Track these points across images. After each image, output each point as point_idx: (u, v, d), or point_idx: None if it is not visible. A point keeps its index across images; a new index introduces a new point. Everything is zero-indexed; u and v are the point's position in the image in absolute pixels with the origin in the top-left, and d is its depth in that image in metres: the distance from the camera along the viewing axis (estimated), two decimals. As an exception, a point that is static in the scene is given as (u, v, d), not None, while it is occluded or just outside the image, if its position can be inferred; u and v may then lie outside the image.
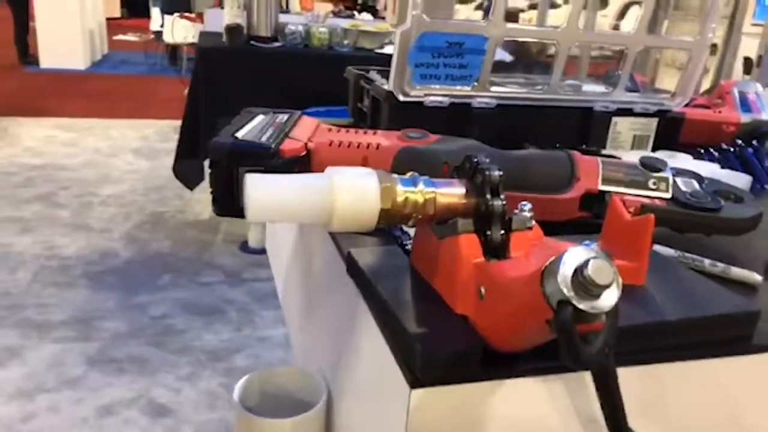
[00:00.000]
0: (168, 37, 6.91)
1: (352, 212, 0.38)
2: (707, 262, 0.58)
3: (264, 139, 0.63)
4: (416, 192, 0.41)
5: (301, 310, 0.77)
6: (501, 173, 0.41)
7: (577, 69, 1.28)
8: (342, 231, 0.41)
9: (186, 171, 2.99)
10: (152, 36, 8.06)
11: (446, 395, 0.39)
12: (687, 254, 0.59)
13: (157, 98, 6.38)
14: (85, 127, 5.08)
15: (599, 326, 0.33)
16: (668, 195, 0.64)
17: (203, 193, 3.34)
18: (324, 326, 0.65)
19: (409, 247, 0.52)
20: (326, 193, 0.38)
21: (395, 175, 0.41)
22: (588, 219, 0.65)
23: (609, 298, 0.32)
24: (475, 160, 0.42)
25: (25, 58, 7.24)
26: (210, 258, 3.05)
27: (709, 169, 0.88)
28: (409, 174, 0.42)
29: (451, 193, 0.42)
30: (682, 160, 0.94)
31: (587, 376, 0.38)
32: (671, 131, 1.09)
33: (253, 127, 0.66)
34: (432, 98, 0.86)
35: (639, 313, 0.45)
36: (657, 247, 0.60)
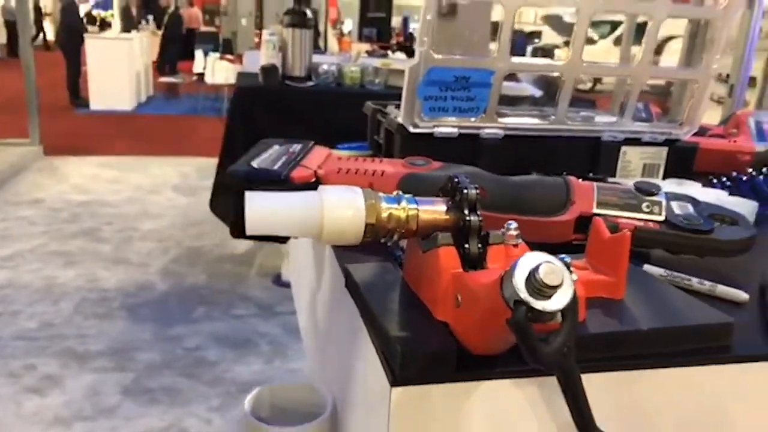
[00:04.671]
0: (209, 78, 7.19)
1: (340, 226, 0.43)
2: (695, 280, 0.60)
3: (277, 166, 0.68)
4: (399, 209, 0.45)
5: (313, 327, 0.81)
6: (478, 192, 0.45)
7: (611, 103, 1.30)
8: (331, 243, 0.45)
9: (222, 206, 3.08)
10: (195, 77, 8.40)
11: (425, 394, 0.42)
12: (675, 273, 0.61)
13: (196, 137, 6.62)
14: (129, 165, 5.30)
15: (556, 326, 0.36)
16: (661, 218, 0.67)
17: (239, 228, 3.43)
18: (330, 340, 0.68)
19: (406, 265, 0.55)
20: (317, 209, 0.43)
21: (380, 193, 0.45)
22: (583, 242, 0.67)
23: (560, 298, 0.35)
24: (456, 180, 0.46)
25: (77, 101, 7.64)
26: (244, 291, 3.12)
27: (715, 195, 0.89)
28: (394, 193, 0.46)
29: (433, 210, 0.46)
30: (690, 187, 0.96)
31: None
32: (684, 160, 1.10)
33: (268, 156, 0.72)
34: (441, 129, 0.90)
35: (613, 322, 0.47)
36: (646, 267, 0.62)
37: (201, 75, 7.90)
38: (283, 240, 0.65)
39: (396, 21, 12.02)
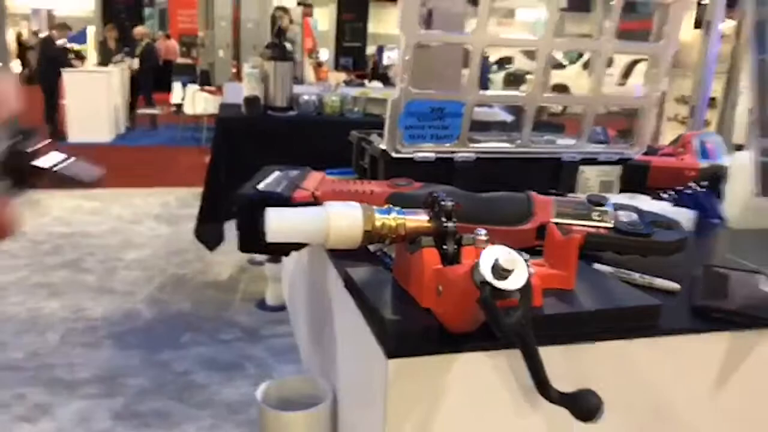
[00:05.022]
0: (189, 109, 7.27)
1: (343, 233, 0.53)
2: (636, 275, 0.72)
3: (279, 189, 0.79)
4: (390, 218, 0.56)
5: (311, 332, 0.91)
6: (453, 204, 0.56)
7: (580, 126, 1.43)
8: (335, 248, 0.56)
9: (207, 233, 3.15)
10: (173, 108, 8.47)
11: (414, 364, 0.52)
12: (621, 270, 0.73)
13: (177, 167, 6.68)
14: (110, 196, 5.34)
15: (515, 302, 0.47)
16: (610, 224, 0.78)
17: (222, 255, 3.50)
18: (329, 338, 0.78)
19: (394, 269, 0.66)
20: (324, 219, 0.53)
21: (375, 206, 0.56)
22: (543, 247, 0.78)
23: (517, 280, 0.45)
24: (436, 195, 0.57)
25: (54, 135, 7.66)
26: (229, 316, 3.17)
27: (660, 206, 1.01)
28: (386, 206, 0.57)
29: (417, 219, 0.57)
30: (640, 200, 1.08)
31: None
32: (638, 177, 1.23)
33: (271, 181, 0.82)
34: (420, 154, 1.02)
35: (564, 306, 0.58)
36: (596, 265, 0.74)
37: (179, 106, 7.98)
38: (286, 252, 0.76)
39: (371, 50, 12.29)
